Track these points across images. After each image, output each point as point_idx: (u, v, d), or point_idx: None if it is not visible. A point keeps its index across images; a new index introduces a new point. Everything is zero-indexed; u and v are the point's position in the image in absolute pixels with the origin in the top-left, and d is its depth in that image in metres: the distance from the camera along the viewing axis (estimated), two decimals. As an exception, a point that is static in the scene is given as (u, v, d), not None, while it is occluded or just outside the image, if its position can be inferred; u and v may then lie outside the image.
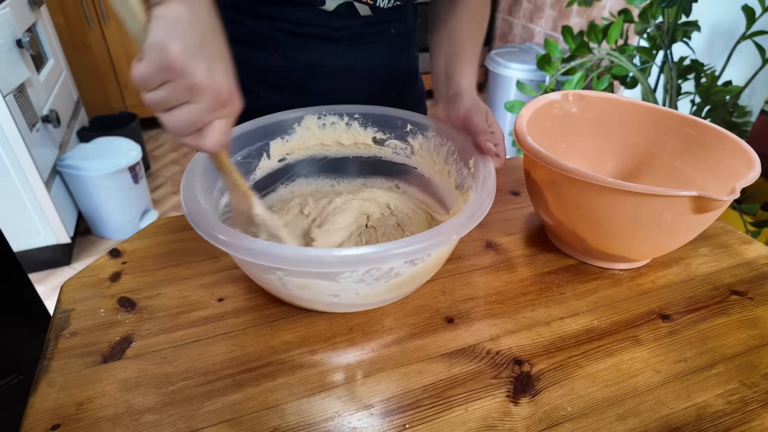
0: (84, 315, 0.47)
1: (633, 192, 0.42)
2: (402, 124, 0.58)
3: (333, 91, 0.66)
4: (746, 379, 0.42)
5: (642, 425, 0.38)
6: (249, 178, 0.55)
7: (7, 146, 1.38)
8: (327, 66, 0.65)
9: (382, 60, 0.68)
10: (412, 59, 0.74)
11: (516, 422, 0.38)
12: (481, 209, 0.41)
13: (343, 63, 0.65)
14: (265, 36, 0.63)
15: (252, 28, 0.63)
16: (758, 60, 1.21)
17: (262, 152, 0.56)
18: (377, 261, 0.36)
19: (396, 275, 0.41)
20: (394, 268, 0.40)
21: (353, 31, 0.63)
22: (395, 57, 0.70)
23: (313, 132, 0.59)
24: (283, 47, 0.63)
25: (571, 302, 0.49)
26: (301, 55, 0.64)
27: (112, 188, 1.67)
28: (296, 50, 0.63)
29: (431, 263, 0.43)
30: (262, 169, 0.57)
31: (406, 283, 0.43)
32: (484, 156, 0.48)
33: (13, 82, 1.41)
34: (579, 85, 1.35)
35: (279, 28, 0.62)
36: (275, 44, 0.63)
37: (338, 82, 0.66)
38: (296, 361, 0.43)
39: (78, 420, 0.37)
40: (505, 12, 2.72)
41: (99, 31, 2.21)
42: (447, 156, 0.55)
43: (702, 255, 0.56)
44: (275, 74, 0.65)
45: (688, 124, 0.55)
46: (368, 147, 0.61)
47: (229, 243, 0.37)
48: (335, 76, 0.66)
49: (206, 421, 0.38)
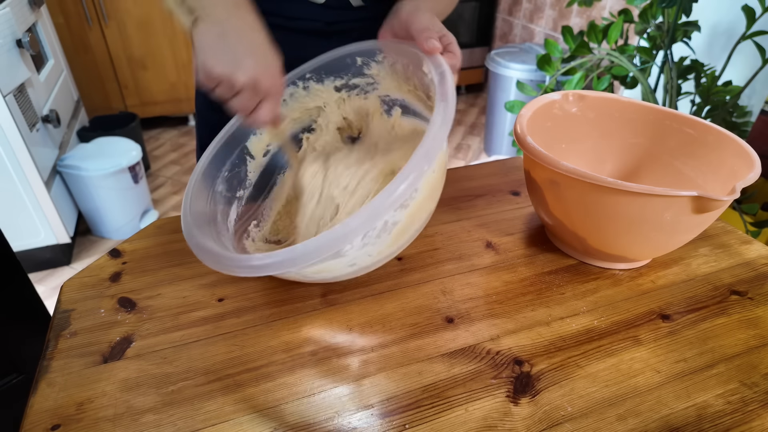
0: (84, 315, 0.47)
1: (633, 192, 0.42)
2: (351, 60, 0.57)
3: None
4: (746, 379, 0.42)
5: (642, 425, 0.38)
6: (245, 185, 0.55)
7: (7, 146, 1.38)
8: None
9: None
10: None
11: (516, 422, 0.38)
12: (441, 122, 0.38)
13: None
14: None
15: None
16: (758, 60, 1.21)
17: (243, 157, 0.55)
18: (364, 227, 0.35)
19: (394, 224, 0.41)
20: (387, 221, 0.39)
21: (347, 26, 0.63)
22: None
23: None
24: (276, 42, 0.63)
25: (571, 302, 0.49)
26: (294, 50, 0.63)
27: (112, 188, 1.67)
28: (289, 46, 0.63)
29: (425, 195, 0.42)
30: (253, 171, 0.56)
31: (411, 223, 0.43)
32: (432, 56, 0.46)
33: (13, 82, 1.42)
34: (579, 85, 1.35)
35: (271, 22, 0.61)
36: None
37: None
38: (296, 361, 0.43)
39: (78, 420, 0.37)
40: (505, 12, 2.72)
41: (99, 31, 2.21)
42: (404, 72, 0.53)
43: (702, 255, 0.56)
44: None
45: (688, 124, 0.55)
46: (337, 101, 0.60)
47: (227, 262, 0.38)
48: None
49: (206, 421, 0.38)
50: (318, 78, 0.58)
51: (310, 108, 0.60)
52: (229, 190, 0.52)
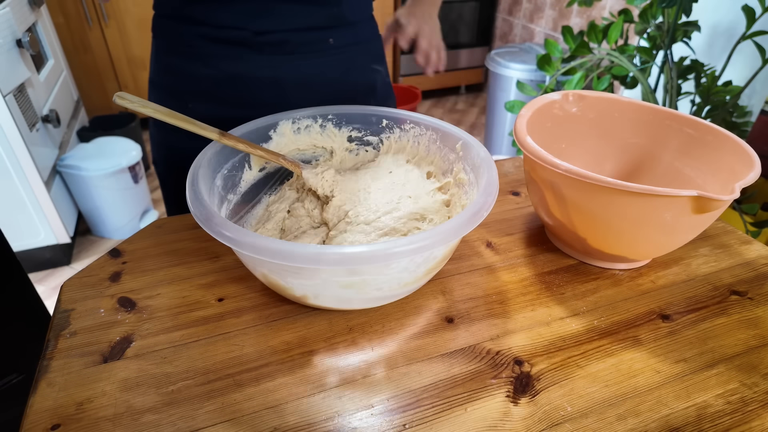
0: (84, 315, 0.47)
1: (633, 192, 0.42)
2: (377, 119, 0.59)
3: (263, 103, 0.64)
4: (746, 379, 0.42)
5: (642, 425, 0.38)
6: (236, 191, 0.54)
7: (7, 146, 1.38)
8: (251, 77, 0.63)
9: (315, 74, 0.65)
10: (372, 74, 0.71)
11: (516, 422, 0.38)
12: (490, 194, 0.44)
13: (269, 74, 0.63)
14: (191, 44, 0.62)
15: (179, 37, 0.62)
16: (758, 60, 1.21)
17: (243, 163, 0.55)
18: (431, 246, 0.38)
19: (434, 258, 0.43)
20: (433, 251, 0.41)
21: (277, 38, 0.61)
22: (336, 72, 0.66)
23: (288, 137, 0.58)
24: (207, 56, 0.62)
25: (571, 302, 0.49)
26: (224, 64, 0.62)
27: (112, 188, 1.67)
28: (219, 59, 0.62)
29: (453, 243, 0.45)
30: (246, 181, 0.55)
31: (437, 265, 0.45)
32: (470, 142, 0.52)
33: (13, 82, 1.42)
34: (579, 85, 1.35)
35: (202, 33, 0.61)
36: (201, 53, 0.62)
37: (267, 94, 0.64)
38: (296, 361, 0.43)
39: (78, 420, 0.37)
40: (505, 12, 2.72)
41: (99, 31, 2.21)
42: (428, 146, 0.58)
43: (702, 255, 0.56)
44: (202, 84, 0.64)
45: (688, 124, 0.55)
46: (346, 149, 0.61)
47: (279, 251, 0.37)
48: (262, 88, 0.63)
49: (206, 421, 0.38)
50: (337, 122, 0.60)
51: (318, 146, 0.61)
52: (224, 188, 0.51)
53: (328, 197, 0.54)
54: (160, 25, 0.65)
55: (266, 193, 0.59)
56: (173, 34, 0.63)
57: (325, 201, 0.55)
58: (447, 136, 0.55)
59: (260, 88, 0.64)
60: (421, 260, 0.42)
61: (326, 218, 0.53)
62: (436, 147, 0.57)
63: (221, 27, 0.60)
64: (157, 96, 0.68)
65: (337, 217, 0.53)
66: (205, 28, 0.61)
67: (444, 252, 0.44)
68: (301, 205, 0.56)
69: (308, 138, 0.59)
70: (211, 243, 0.56)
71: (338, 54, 0.66)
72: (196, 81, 0.64)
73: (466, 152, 0.52)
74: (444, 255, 0.45)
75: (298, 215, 0.55)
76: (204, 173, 0.47)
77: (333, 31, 0.64)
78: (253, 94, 0.64)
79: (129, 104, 0.45)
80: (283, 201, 0.57)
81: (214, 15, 0.59)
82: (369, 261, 0.37)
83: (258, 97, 0.64)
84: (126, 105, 0.45)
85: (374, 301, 0.46)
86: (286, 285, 0.43)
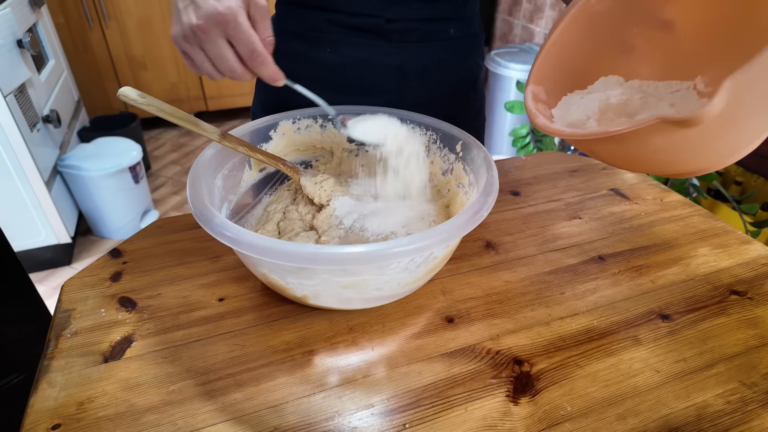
0: (84, 315, 0.47)
1: (611, 136, 0.36)
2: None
3: (383, 90, 0.66)
4: (746, 379, 0.42)
5: (642, 425, 0.38)
6: (237, 191, 0.54)
7: (7, 146, 1.38)
8: (378, 63, 0.64)
9: (436, 62, 0.67)
10: (475, 67, 0.72)
11: (516, 422, 0.38)
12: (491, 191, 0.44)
13: (395, 60, 0.64)
14: (317, 29, 0.63)
15: (305, 21, 0.63)
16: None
17: (244, 164, 0.55)
18: (431, 246, 0.38)
19: (434, 258, 0.43)
20: (433, 251, 0.41)
21: (407, 26, 0.63)
22: (452, 61, 0.68)
23: (288, 137, 0.58)
24: (335, 42, 0.63)
25: (571, 302, 0.49)
26: (352, 50, 0.64)
27: (112, 188, 1.67)
28: (347, 45, 0.63)
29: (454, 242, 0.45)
30: (246, 181, 0.56)
31: (438, 265, 0.45)
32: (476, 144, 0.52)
33: (14, 82, 1.42)
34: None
35: (332, 20, 0.62)
36: (327, 38, 0.63)
37: (389, 81, 0.66)
38: (297, 360, 0.43)
39: (79, 420, 0.37)
40: (505, 12, 2.72)
41: (99, 31, 2.21)
42: (428, 144, 0.57)
43: (702, 255, 0.56)
44: (325, 71, 0.65)
45: None
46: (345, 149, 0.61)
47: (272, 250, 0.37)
48: (386, 75, 0.65)
49: (206, 420, 0.38)
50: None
51: (317, 147, 0.61)
52: (224, 188, 0.52)
53: (323, 205, 0.54)
54: (283, 12, 0.66)
55: (267, 194, 0.59)
56: (297, 20, 0.64)
57: (319, 208, 0.54)
58: (447, 136, 0.55)
59: (383, 74, 0.65)
60: (421, 260, 0.42)
61: (316, 225, 0.52)
62: (436, 147, 0.57)
63: (355, 14, 0.61)
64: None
65: (327, 225, 0.52)
66: (337, 14, 0.62)
67: (444, 252, 0.44)
68: (295, 209, 0.55)
69: (308, 138, 0.60)
70: (211, 243, 0.56)
71: (454, 45, 0.68)
72: (318, 66, 0.65)
73: (466, 152, 0.53)
74: (444, 255, 0.45)
75: (291, 218, 0.55)
76: (204, 173, 0.47)
77: (454, 22, 0.66)
78: (375, 81, 0.65)
79: (141, 102, 0.44)
80: (280, 202, 0.57)
81: (349, 2, 0.61)
82: (369, 261, 0.37)
83: (377, 84, 0.66)
84: (140, 103, 0.44)
85: (374, 301, 0.46)
86: (287, 285, 0.43)
